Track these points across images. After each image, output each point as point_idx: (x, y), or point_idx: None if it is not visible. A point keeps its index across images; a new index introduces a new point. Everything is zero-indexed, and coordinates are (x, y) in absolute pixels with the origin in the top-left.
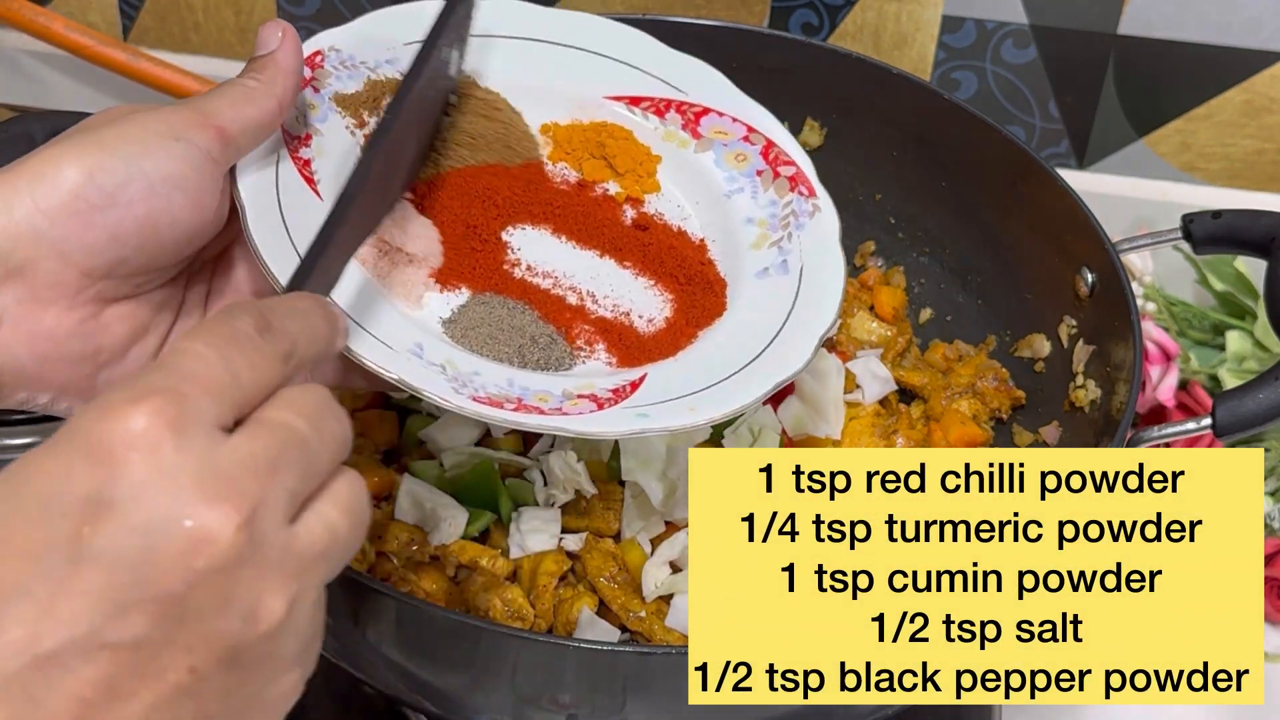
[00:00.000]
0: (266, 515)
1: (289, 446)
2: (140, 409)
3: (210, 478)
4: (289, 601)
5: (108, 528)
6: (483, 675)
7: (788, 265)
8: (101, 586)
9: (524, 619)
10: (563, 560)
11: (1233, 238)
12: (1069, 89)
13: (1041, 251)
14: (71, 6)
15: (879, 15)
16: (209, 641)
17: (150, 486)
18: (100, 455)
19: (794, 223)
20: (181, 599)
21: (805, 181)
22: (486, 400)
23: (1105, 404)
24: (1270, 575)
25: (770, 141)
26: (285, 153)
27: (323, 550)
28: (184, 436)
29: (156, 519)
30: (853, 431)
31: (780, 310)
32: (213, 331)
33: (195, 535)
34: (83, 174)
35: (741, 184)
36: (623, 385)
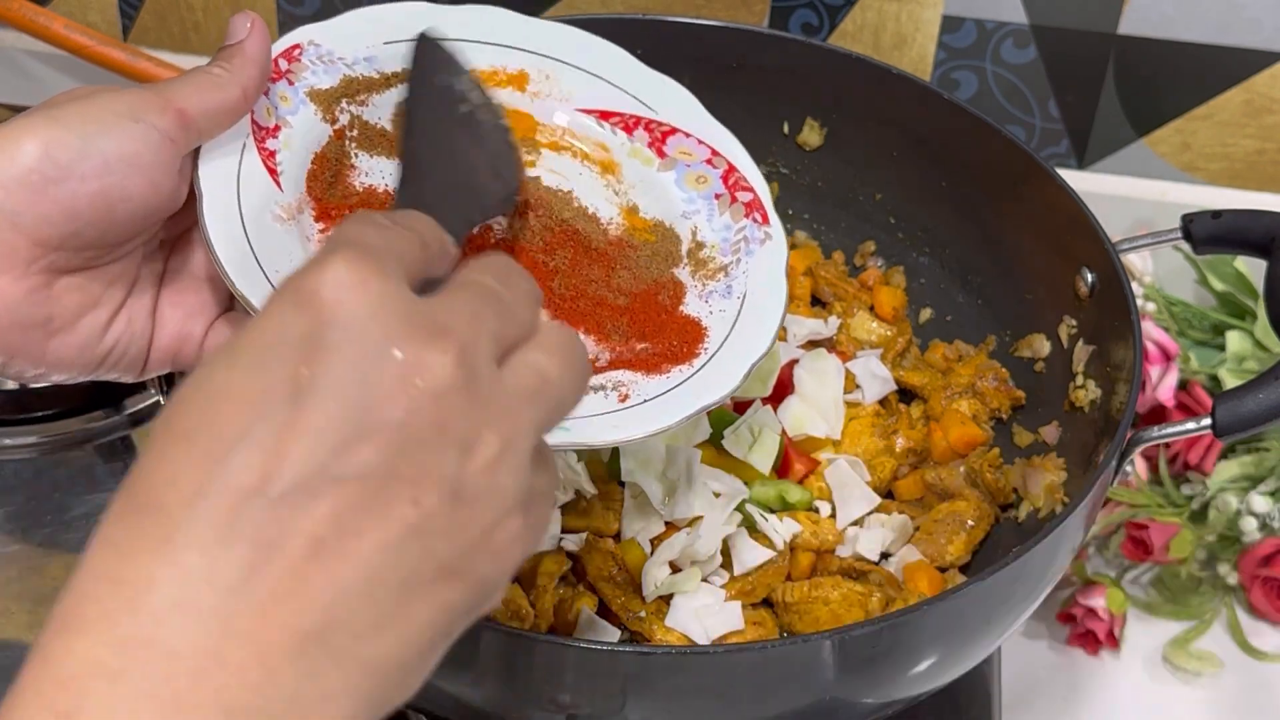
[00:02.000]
0: (476, 351)
1: (483, 297)
2: (337, 258)
3: (416, 316)
4: (503, 438)
5: (325, 363)
6: (483, 675)
7: (731, 290)
8: (323, 423)
9: (524, 619)
10: (563, 560)
11: (1233, 238)
12: (1069, 89)
13: (1041, 251)
14: (71, 6)
15: (879, 15)
16: (429, 472)
17: (361, 320)
18: (308, 300)
19: (744, 249)
20: (402, 426)
21: (760, 209)
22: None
23: (1105, 404)
24: (1271, 575)
25: (732, 166)
26: (251, 143)
27: (534, 390)
28: (386, 279)
29: (370, 351)
30: (853, 431)
31: (717, 335)
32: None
33: (410, 363)
34: (39, 148)
35: (699, 206)
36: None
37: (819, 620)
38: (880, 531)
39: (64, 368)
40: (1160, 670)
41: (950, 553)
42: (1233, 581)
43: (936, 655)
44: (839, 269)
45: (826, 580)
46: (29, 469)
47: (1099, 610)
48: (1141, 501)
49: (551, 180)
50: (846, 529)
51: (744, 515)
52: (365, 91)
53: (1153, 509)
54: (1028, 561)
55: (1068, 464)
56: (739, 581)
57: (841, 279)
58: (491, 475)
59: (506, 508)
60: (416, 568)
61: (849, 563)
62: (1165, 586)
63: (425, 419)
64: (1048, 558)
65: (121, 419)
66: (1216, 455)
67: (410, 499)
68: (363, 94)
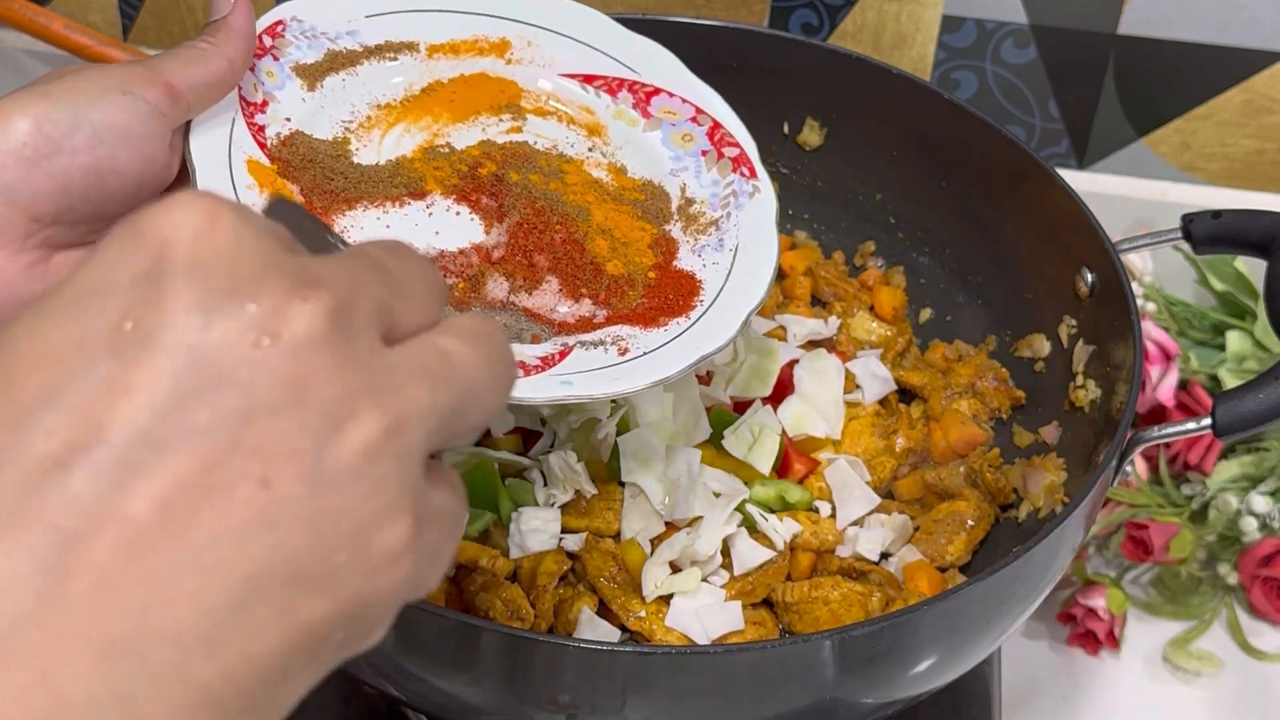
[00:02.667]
0: (352, 311)
1: (363, 265)
2: (186, 196)
3: (280, 263)
4: (388, 417)
5: (154, 313)
6: (483, 675)
7: (723, 243)
8: (149, 381)
9: (524, 619)
10: (563, 560)
11: (1233, 238)
12: (1069, 89)
13: (1041, 251)
14: (71, 6)
15: (879, 15)
16: (283, 444)
17: (206, 263)
18: (146, 238)
19: (733, 203)
20: (248, 387)
21: (748, 162)
22: None
23: (1105, 404)
24: (1271, 575)
25: (717, 123)
26: (240, 117)
27: (431, 369)
28: (243, 219)
29: (216, 298)
30: (852, 431)
31: (712, 287)
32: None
33: (265, 314)
34: (30, 123)
35: (686, 163)
36: (551, 354)
37: (819, 620)
38: (880, 531)
39: None
40: (1160, 670)
41: (950, 553)
42: (1233, 581)
43: (936, 655)
44: (839, 269)
45: (826, 580)
46: None
47: (1099, 610)
48: (1141, 501)
49: (539, 146)
50: (846, 529)
51: (744, 515)
52: (349, 65)
53: (1153, 509)
54: (1028, 561)
55: (1068, 464)
56: (739, 581)
57: (841, 279)
58: (368, 459)
59: (389, 504)
60: (264, 566)
61: (849, 563)
62: (1165, 586)
63: (280, 377)
64: (1048, 558)
65: None
66: (1216, 455)
67: (258, 478)
68: (347, 67)
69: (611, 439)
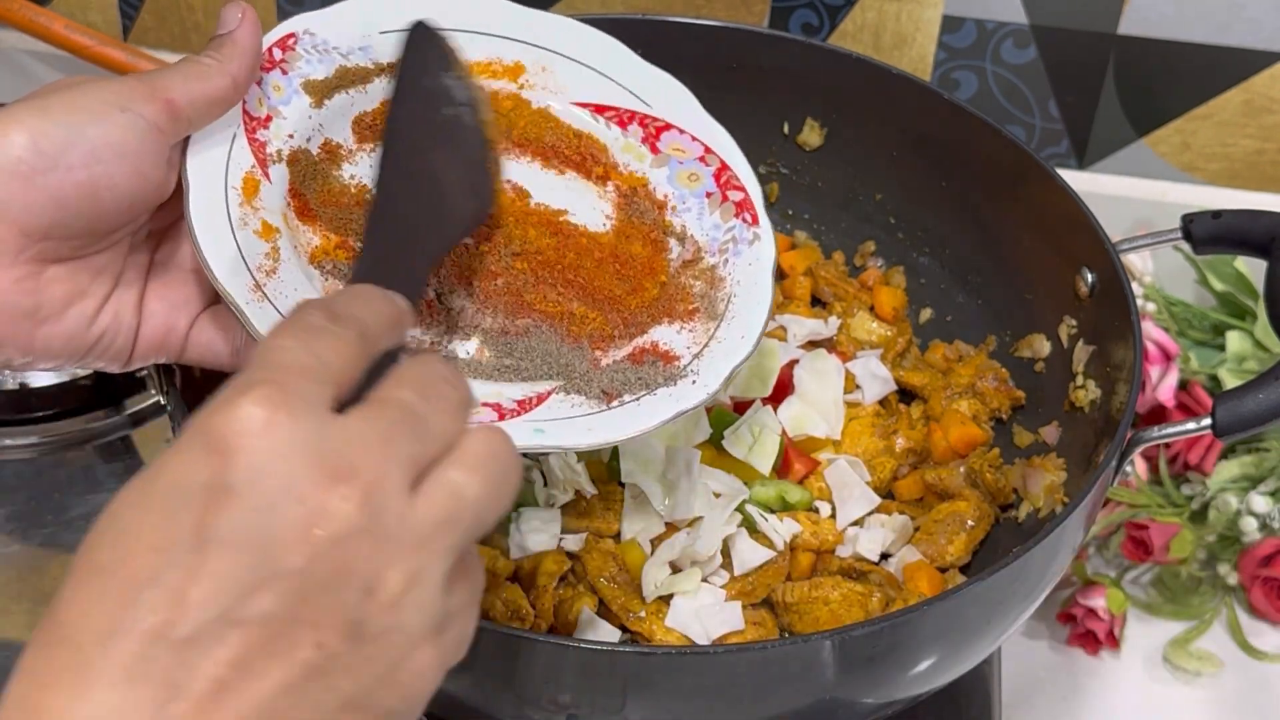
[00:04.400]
0: (382, 488)
1: (399, 419)
2: (248, 398)
3: (323, 454)
4: (408, 574)
5: (228, 512)
6: (483, 675)
7: (718, 295)
8: (227, 569)
9: (524, 619)
10: (563, 560)
11: (1233, 238)
12: (1069, 89)
13: (1041, 251)
14: (71, 6)
15: (879, 15)
16: (332, 615)
17: (265, 468)
18: (216, 444)
19: (731, 249)
20: (302, 573)
21: (751, 209)
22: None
23: (1105, 404)
24: (1271, 575)
25: (724, 164)
26: (242, 132)
27: (446, 516)
28: (294, 417)
29: (274, 499)
30: (853, 431)
31: (701, 336)
32: (287, 328)
33: (312, 511)
34: (26, 138)
35: (690, 204)
36: (529, 397)
37: (819, 620)
38: (880, 531)
39: (51, 356)
40: (1160, 670)
41: (950, 553)
42: (1233, 581)
43: (936, 655)
44: (839, 269)
45: (826, 580)
46: (29, 469)
47: (1099, 610)
48: (1141, 501)
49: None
50: (846, 529)
51: (744, 515)
52: (360, 82)
53: (1153, 509)
54: (1028, 561)
55: (1068, 464)
56: (739, 581)
57: (841, 279)
58: (395, 613)
59: (413, 642)
60: (319, 706)
61: (849, 563)
62: (1165, 586)
63: (326, 565)
64: (1048, 558)
65: (121, 419)
66: (1216, 455)
67: (313, 642)
68: (357, 84)
69: None
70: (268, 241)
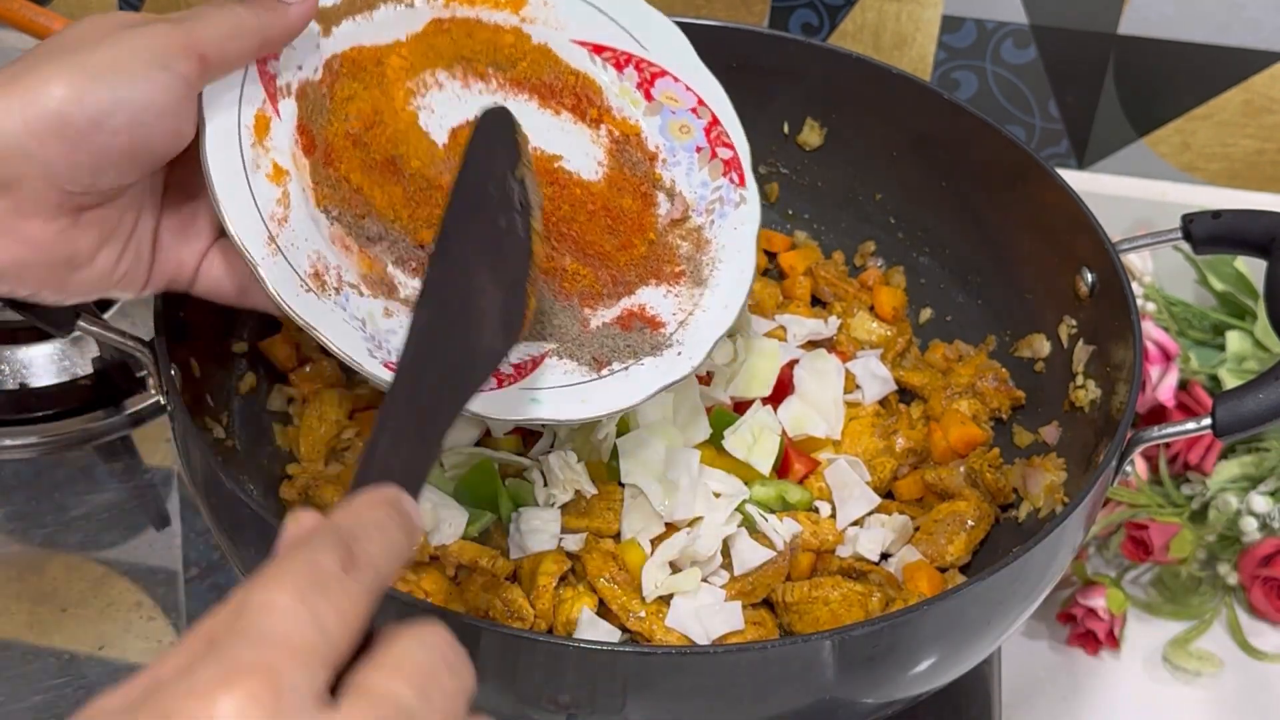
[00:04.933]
0: None
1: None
2: (232, 694)
3: None
4: None
5: None
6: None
7: (701, 256)
8: None
9: (524, 619)
10: (563, 560)
11: (1233, 238)
12: (1069, 89)
13: (1041, 251)
14: (72, 6)
15: (879, 15)
16: None
17: None
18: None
19: (718, 210)
20: None
21: (739, 169)
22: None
23: (1105, 404)
24: (1271, 575)
25: (716, 119)
26: (254, 65)
27: None
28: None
29: None
30: (853, 431)
31: (687, 303)
32: (294, 576)
33: None
34: (71, 99)
35: (680, 158)
36: (525, 360)
37: (819, 620)
38: (880, 531)
39: (81, 294)
40: (1160, 670)
41: (950, 553)
42: (1233, 581)
43: (936, 655)
44: (839, 269)
45: (826, 580)
46: (29, 469)
47: (1099, 610)
48: (1141, 501)
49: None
50: (846, 529)
51: (744, 515)
52: (366, 9)
53: (1153, 509)
54: (1028, 561)
55: (1068, 464)
56: (739, 581)
57: (841, 279)
58: None
59: None
60: None
61: (849, 563)
62: (1165, 586)
63: None
64: (1048, 558)
65: (121, 419)
66: (1216, 455)
67: None
68: (364, 10)
69: (611, 439)
70: (279, 186)
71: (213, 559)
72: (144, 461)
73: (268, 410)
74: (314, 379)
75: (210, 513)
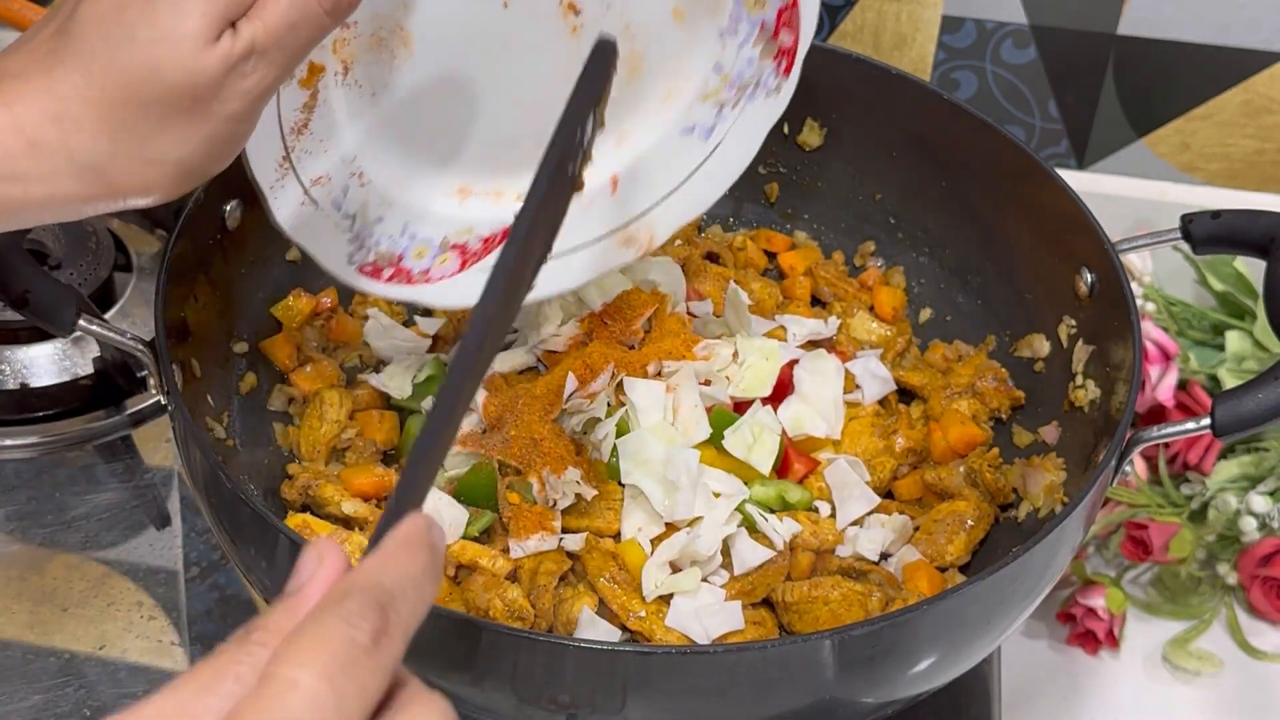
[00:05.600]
0: None
1: None
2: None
3: None
4: None
5: None
6: (483, 675)
7: (711, 134)
8: None
9: (524, 619)
10: (563, 560)
11: (1232, 238)
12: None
13: (1041, 251)
14: None
15: (879, 15)
16: None
17: None
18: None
19: (748, 94)
20: None
21: (791, 56)
22: (371, 269)
23: (1105, 404)
24: (1270, 575)
25: (794, 2)
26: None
27: None
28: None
29: None
30: (852, 431)
31: (668, 183)
32: (325, 653)
33: None
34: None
35: (742, 28)
36: (494, 234)
37: (819, 620)
38: (880, 531)
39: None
40: (1160, 670)
41: (950, 553)
42: (1232, 581)
43: (936, 655)
44: (839, 269)
45: (826, 580)
46: (29, 469)
47: (1099, 610)
48: (1141, 501)
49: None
50: (846, 529)
51: (744, 515)
52: None
53: (1152, 509)
54: (1027, 561)
55: (1067, 464)
56: (739, 581)
57: (841, 279)
58: None
59: None
60: None
61: (849, 563)
62: (1165, 586)
63: None
64: (1047, 558)
65: (122, 419)
66: (1216, 455)
67: None
68: None
69: (611, 439)
70: (307, 89)
71: (213, 559)
72: (144, 461)
73: (268, 410)
74: (314, 379)
75: (210, 512)
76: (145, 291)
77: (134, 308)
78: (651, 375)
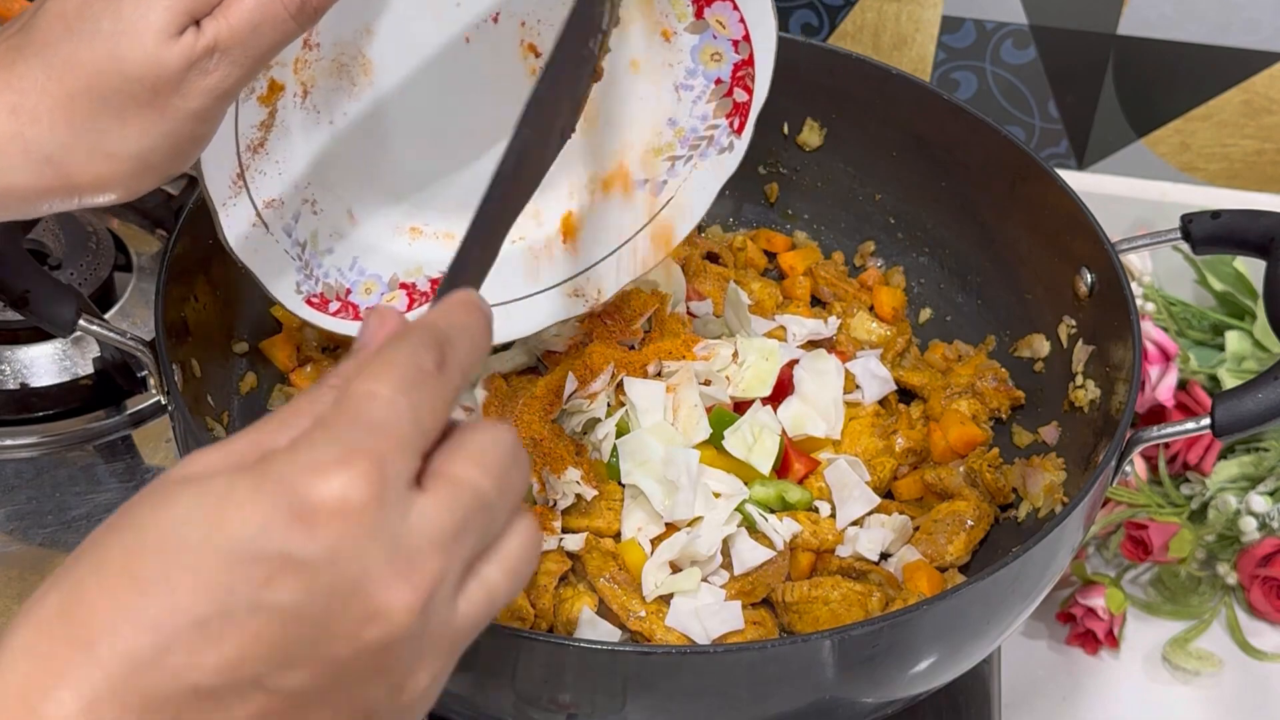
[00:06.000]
0: (439, 594)
1: (474, 512)
2: (347, 473)
3: (396, 548)
4: (434, 676)
5: (294, 585)
6: (483, 675)
7: (661, 189)
8: (275, 638)
9: (524, 619)
10: (563, 560)
11: (1232, 238)
12: (1069, 89)
13: (1041, 251)
14: None
15: (879, 15)
16: (353, 703)
17: (343, 555)
18: (302, 514)
19: (702, 149)
20: (344, 665)
21: (744, 114)
22: (318, 300)
23: (1105, 404)
24: (1270, 575)
25: (750, 60)
26: None
27: (479, 620)
28: (383, 507)
29: (341, 588)
30: (852, 431)
31: (616, 238)
32: (397, 371)
33: (372, 611)
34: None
35: (698, 83)
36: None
37: (819, 620)
38: (880, 531)
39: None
40: (1160, 670)
41: (950, 553)
42: (1232, 581)
43: (936, 655)
44: (839, 269)
45: (826, 580)
46: (29, 469)
47: (1099, 610)
48: (1141, 501)
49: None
50: (846, 529)
51: (744, 515)
52: None
53: (1152, 509)
54: (1027, 561)
55: (1067, 464)
56: (739, 581)
57: (841, 279)
58: (409, 709)
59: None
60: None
61: (849, 563)
62: (1165, 586)
63: (368, 662)
64: (1047, 558)
65: (122, 419)
66: (1216, 455)
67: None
68: None
69: (611, 439)
70: (266, 106)
71: None
72: (145, 461)
73: (268, 410)
74: (314, 379)
75: None
76: (145, 291)
77: (134, 308)
78: (651, 375)
